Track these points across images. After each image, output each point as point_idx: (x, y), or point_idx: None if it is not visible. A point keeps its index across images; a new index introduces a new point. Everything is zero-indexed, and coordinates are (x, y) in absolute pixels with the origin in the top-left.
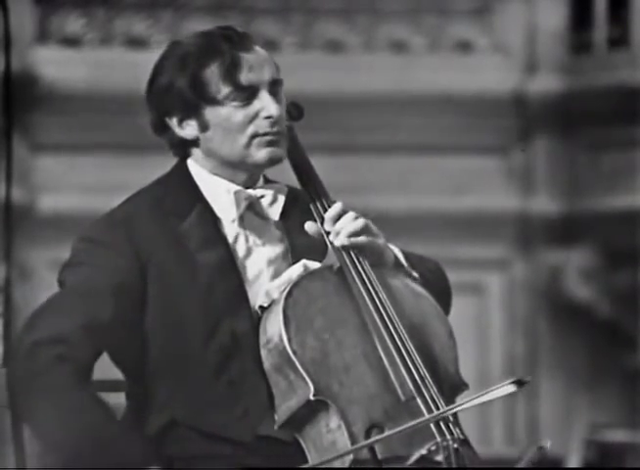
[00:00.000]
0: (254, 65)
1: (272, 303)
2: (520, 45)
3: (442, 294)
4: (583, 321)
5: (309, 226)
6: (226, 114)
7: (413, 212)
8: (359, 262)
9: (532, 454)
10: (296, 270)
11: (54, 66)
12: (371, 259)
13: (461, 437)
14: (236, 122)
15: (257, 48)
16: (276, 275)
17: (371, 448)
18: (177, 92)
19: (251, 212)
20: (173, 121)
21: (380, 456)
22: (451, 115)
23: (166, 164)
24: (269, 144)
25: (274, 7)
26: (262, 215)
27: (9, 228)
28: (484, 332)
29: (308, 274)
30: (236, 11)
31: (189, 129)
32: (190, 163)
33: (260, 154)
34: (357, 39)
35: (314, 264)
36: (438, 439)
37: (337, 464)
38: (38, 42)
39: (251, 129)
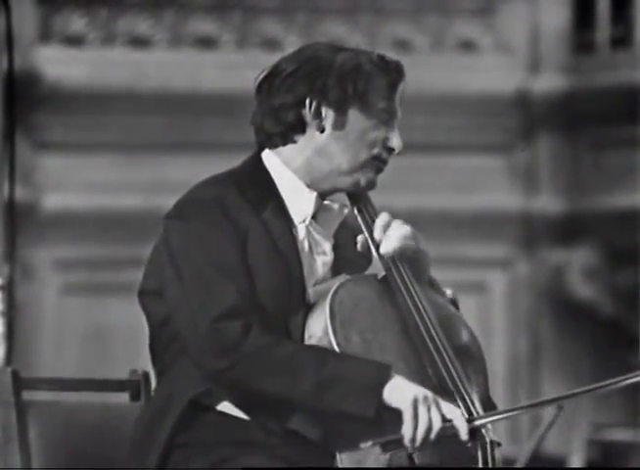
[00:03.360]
0: (400, 99)
1: (316, 301)
2: (523, 45)
3: None
4: (586, 320)
5: (360, 239)
6: (368, 126)
7: (416, 211)
8: (404, 271)
9: (552, 418)
10: (338, 280)
11: (56, 65)
12: (413, 271)
13: (498, 441)
14: (370, 138)
15: None
16: (324, 281)
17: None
18: (341, 86)
19: (314, 220)
20: (313, 105)
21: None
22: (454, 114)
23: (168, 163)
24: (377, 171)
25: (277, 6)
26: (322, 225)
27: (12, 227)
28: (487, 331)
29: (354, 278)
30: (238, 10)
31: (323, 119)
32: (267, 156)
33: (366, 176)
34: (360, 39)
35: None
36: (477, 441)
37: (371, 461)
38: (41, 41)
39: (375, 151)
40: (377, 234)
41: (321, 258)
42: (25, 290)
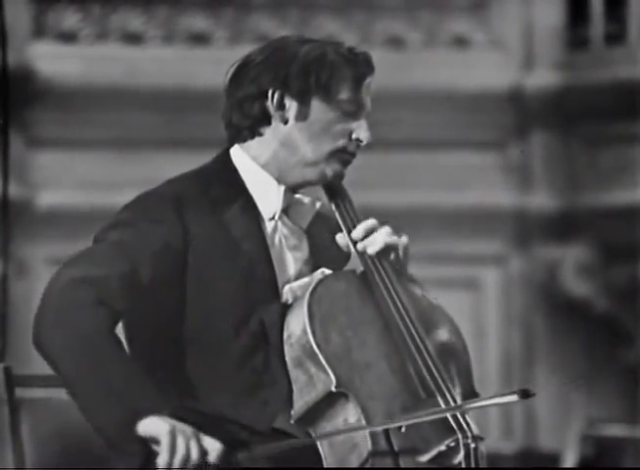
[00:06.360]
0: (368, 92)
1: (295, 299)
2: (517, 41)
3: None
4: (580, 317)
5: (339, 237)
6: (332, 117)
7: (410, 208)
8: (382, 267)
9: None
10: (316, 276)
11: (50, 61)
12: (393, 266)
13: (480, 435)
14: (335, 129)
15: None
16: (299, 277)
17: (388, 439)
18: (303, 76)
19: (285, 215)
20: (276, 95)
21: (396, 448)
22: (448, 110)
23: (162, 159)
24: (344, 163)
25: (269, 3)
26: (294, 220)
27: (6, 224)
28: (481, 327)
29: (332, 275)
30: (231, 6)
31: (286, 110)
32: (235, 153)
33: (332, 167)
34: (354, 35)
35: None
36: (459, 435)
37: (354, 458)
38: (34, 38)
39: (341, 143)
40: (357, 234)
41: (293, 253)
42: (20, 286)
